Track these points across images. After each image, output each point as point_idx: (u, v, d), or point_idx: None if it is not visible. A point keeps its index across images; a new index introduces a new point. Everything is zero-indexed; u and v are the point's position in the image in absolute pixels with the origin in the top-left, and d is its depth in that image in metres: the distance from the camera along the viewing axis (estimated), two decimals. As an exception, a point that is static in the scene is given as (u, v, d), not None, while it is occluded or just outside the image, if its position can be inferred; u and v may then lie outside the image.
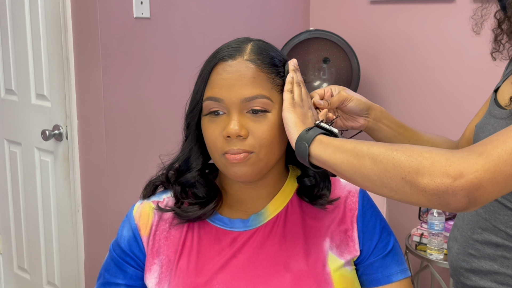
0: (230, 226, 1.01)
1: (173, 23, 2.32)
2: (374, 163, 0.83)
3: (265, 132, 0.94)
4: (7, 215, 2.80)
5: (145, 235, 1.02)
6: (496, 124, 1.09)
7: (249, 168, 0.94)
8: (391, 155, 0.82)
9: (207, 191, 1.02)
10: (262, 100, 0.94)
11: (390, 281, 1.01)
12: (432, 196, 0.79)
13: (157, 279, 0.99)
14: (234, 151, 0.93)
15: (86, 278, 2.36)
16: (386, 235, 1.03)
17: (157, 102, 2.29)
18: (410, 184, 0.80)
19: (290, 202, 1.03)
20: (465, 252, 1.14)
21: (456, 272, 1.18)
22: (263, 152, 0.94)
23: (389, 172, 0.81)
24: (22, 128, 2.60)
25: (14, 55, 2.54)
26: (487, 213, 1.10)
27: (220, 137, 0.94)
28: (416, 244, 2.36)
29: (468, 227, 1.15)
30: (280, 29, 2.83)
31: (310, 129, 0.92)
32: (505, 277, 1.08)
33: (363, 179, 0.85)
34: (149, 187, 1.07)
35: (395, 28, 2.71)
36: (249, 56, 0.96)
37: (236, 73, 0.94)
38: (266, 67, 0.96)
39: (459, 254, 1.16)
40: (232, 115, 0.94)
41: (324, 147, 0.89)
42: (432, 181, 0.78)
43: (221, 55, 0.97)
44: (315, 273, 0.96)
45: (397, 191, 0.82)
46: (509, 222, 1.07)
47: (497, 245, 1.09)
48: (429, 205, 0.80)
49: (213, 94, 0.95)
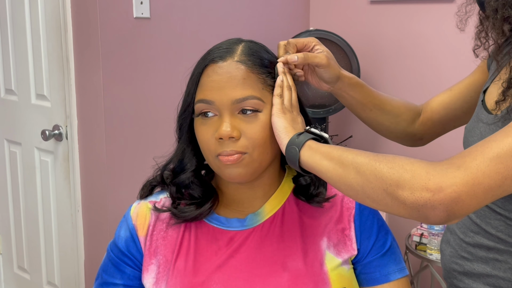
0: (227, 225, 1.01)
1: (173, 23, 2.32)
2: (358, 173, 0.83)
3: (257, 133, 0.94)
4: (7, 215, 2.80)
5: (143, 235, 1.02)
6: (482, 129, 1.08)
7: (243, 169, 0.94)
8: (374, 165, 0.82)
9: (203, 191, 1.02)
10: (253, 101, 0.94)
11: (388, 280, 1.01)
12: (411, 209, 0.79)
13: (155, 279, 0.99)
14: (227, 153, 0.93)
15: (86, 278, 2.37)
16: (383, 234, 1.03)
17: (157, 102, 2.29)
18: (391, 196, 0.80)
19: (287, 202, 1.03)
20: (458, 255, 1.14)
21: (449, 274, 1.18)
22: (256, 152, 0.94)
23: (371, 183, 0.82)
24: (22, 128, 2.60)
25: (14, 55, 2.54)
26: (478, 218, 1.09)
27: (212, 139, 0.94)
28: (416, 244, 2.36)
29: (460, 230, 1.14)
30: (280, 29, 2.83)
31: (300, 134, 0.92)
32: (497, 280, 1.07)
33: (347, 188, 0.86)
34: (146, 187, 1.07)
35: (395, 28, 2.71)
36: (239, 58, 0.96)
37: (226, 75, 0.94)
38: (256, 68, 0.96)
39: (452, 257, 1.16)
40: (224, 116, 0.94)
41: (312, 153, 0.89)
42: (412, 195, 0.78)
43: (211, 57, 0.97)
44: (313, 273, 0.96)
45: (379, 202, 0.82)
46: (499, 227, 1.06)
47: (489, 248, 1.08)
48: (409, 217, 0.81)
49: (204, 97, 0.95)
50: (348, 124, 2.96)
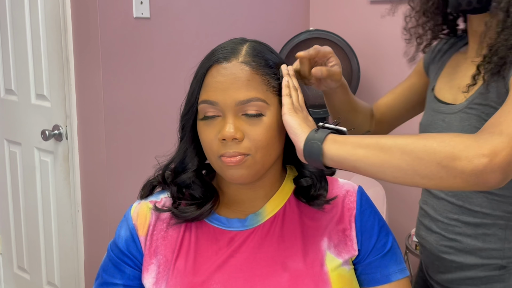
0: (228, 226, 1.01)
1: (173, 23, 2.32)
2: (404, 153, 0.85)
3: (261, 135, 0.93)
4: (7, 215, 2.80)
5: (143, 235, 1.02)
6: (448, 119, 1.19)
7: (245, 171, 0.94)
8: (422, 143, 0.85)
9: (204, 191, 1.02)
10: (257, 103, 0.94)
11: (388, 281, 1.01)
12: (470, 177, 0.82)
13: (155, 279, 0.99)
14: (230, 154, 0.93)
15: (86, 278, 2.36)
16: (384, 234, 1.03)
17: (157, 102, 2.29)
18: (447, 168, 0.82)
19: (288, 202, 1.03)
20: (446, 238, 1.22)
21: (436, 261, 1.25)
22: (259, 154, 0.94)
23: (423, 160, 0.83)
24: (22, 128, 2.60)
25: (14, 55, 2.54)
26: (460, 199, 1.19)
27: (215, 140, 0.94)
28: (416, 244, 2.36)
29: (442, 216, 1.23)
30: (280, 29, 2.83)
31: (317, 129, 0.92)
32: (490, 252, 1.16)
33: (393, 171, 0.86)
34: (146, 187, 1.07)
35: (395, 28, 2.71)
36: (244, 59, 0.96)
37: (231, 76, 0.94)
38: (261, 69, 0.96)
39: (438, 242, 1.23)
40: (227, 118, 0.93)
41: (340, 145, 0.89)
42: (470, 163, 0.82)
43: (216, 57, 0.96)
44: (313, 273, 0.96)
45: (432, 177, 0.84)
46: (482, 203, 1.15)
47: (476, 225, 1.17)
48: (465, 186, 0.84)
49: (208, 98, 0.95)
50: (348, 124, 2.96)
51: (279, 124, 0.96)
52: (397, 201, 2.75)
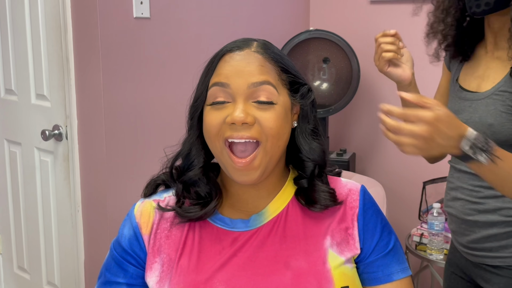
0: (231, 226, 1.01)
1: (173, 23, 2.32)
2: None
3: (272, 121, 0.94)
4: (7, 215, 2.80)
5: (146, 234, 1.02)
6: (474, 105, 1.33)
7: (254, 173, 0.94)
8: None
9: (209, 189, 1.02)
10: (269, 88, 0.95)
11: (390, 280, 1.01)
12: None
13: (158, 277, 0.99)
14: (239, 136, 0.92)
15: (86, 278, 2.36)
16: (387, 233, 1.03)
17: (157, 102, 2.29)
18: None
19: (291, 202, 1.03)
20: (470, 202, 1.37)
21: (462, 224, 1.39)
22: (269, 143, 0.94)
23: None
24: (22, 128, 2.59)
25: (14, 55, 2.53)
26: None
27: (222, 124, 0.94)
28: (416, 244, 2.36)
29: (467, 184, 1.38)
30: (280, 29, 2.83)
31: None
32: (509, 210, 1.31)
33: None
34: (150, 185, 1.07)
35: (395, 28, 2.70)
36: (256, 49, 0.98)
37: (244, 61, 0.95)
38: (273, 60, 0.98)
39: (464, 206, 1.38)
40: (238, 103, 0.94)
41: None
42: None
43: (228, 48, 0.98)
44: (316, 271, 0.96)
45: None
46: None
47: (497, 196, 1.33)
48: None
49: (219, 79, 0.95)
50: (348, 124, 2.96)
51: (288, 118, 0.97)
52: (397, 201, 2.75)
